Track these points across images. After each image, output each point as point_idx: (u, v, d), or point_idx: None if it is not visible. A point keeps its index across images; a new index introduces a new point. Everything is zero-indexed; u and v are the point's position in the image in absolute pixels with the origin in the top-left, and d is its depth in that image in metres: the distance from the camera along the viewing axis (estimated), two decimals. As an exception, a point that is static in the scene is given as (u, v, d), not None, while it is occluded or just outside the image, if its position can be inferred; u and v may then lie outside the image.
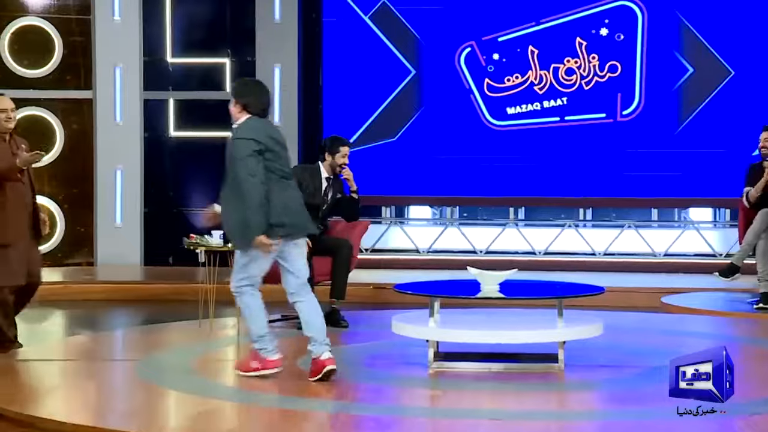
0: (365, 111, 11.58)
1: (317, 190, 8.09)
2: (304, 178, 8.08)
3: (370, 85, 11.56)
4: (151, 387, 5.90)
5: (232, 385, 6.11)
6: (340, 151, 8.12)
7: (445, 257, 11.57)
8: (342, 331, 7.69)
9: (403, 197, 11.74)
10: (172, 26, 11.87)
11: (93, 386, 6.10)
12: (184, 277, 10.35)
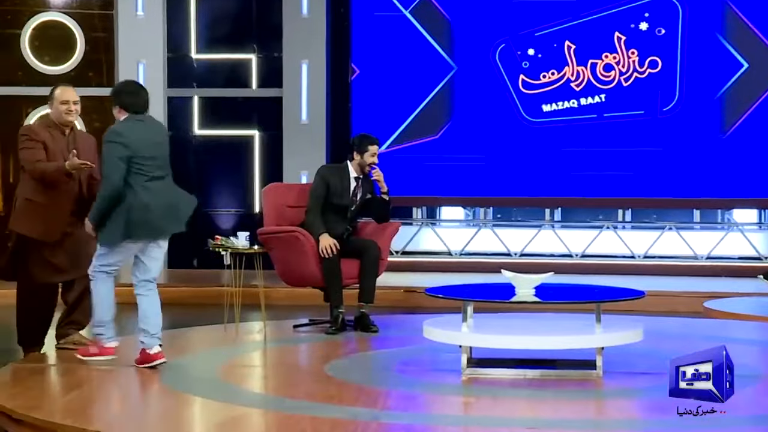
0: (396, 109, 11.58)
1: (345, 191, 8.10)
2: (331, 179, 8.09)
3: (403, 81, 11.55)
4: (176, 393, 5.92)
5: (259, 392, 6.14)
6: (369, 150, 8.12)
7: (479, 260, 11.56)
8: (372, 336, 7.70)
9: (434, 198, 11.74)
10: (196, 21, 11.93)
11: (116, 392, 6.13)
12: (209, 280, 10.39)
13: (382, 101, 11.60)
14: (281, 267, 8.09)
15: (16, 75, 11.67)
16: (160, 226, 6.48)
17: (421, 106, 11.55)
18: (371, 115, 11.58)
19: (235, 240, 7.73)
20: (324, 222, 7.96)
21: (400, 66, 11.57)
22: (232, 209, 11.95)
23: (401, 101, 11.57)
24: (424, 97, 11.55)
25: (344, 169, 8.17)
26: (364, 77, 11.64)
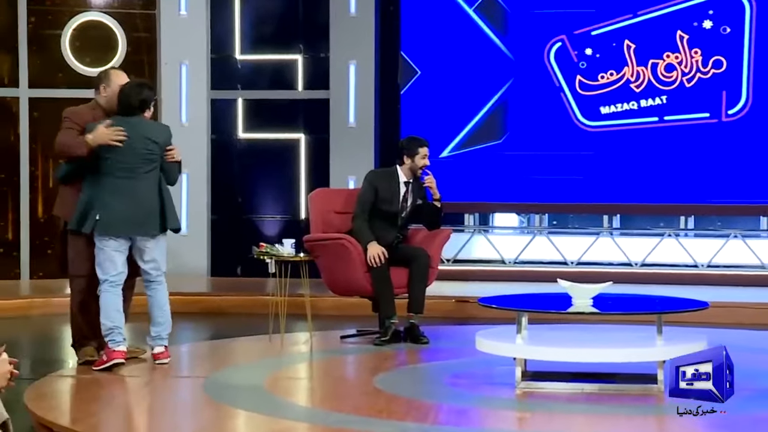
0: (448, 111, 11.58)
1: (395, 197, 8.10)
2: (379, 184, 8.10)
3: (457, 83, 11.54)
4: (219, 405, 5.96)
5: (304, 405, 6.16)
6: (419, 152, 8.12)
7: (533, 269, 11.53)
8: (422, 348, 7.70)
9: (487, 204, 11.73)
10: (241, 21, 12.00)
11: (159, 404, 6.19)
12: (254, 289, 10.45)
13: (433, 103, 11.60)
14: (328, 275, 8.12)
15: (57, 77, 11.78)
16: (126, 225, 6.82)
17: (485, 109, 11.50)
18: (421, 118, 11.58)
19: (280, 247, 7.76)
20: (372, 229, 7.98)
21: (454, 67, 11.55)
22: (278, 215, 12.00)
23: (454, 103, 11.55)
24: (479, 99, 11.52)
25: (393, 174, 8.18)
26: (413, 78, 11.63)
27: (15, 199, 11.70)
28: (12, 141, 11.72)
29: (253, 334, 8.33)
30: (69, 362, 7.26)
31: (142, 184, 6.79)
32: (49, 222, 11.66)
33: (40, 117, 11.76)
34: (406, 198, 8.15)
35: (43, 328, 9.37)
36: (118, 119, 6.79)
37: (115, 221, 6.72)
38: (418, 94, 11.61)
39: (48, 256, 11.62)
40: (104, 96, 6.93)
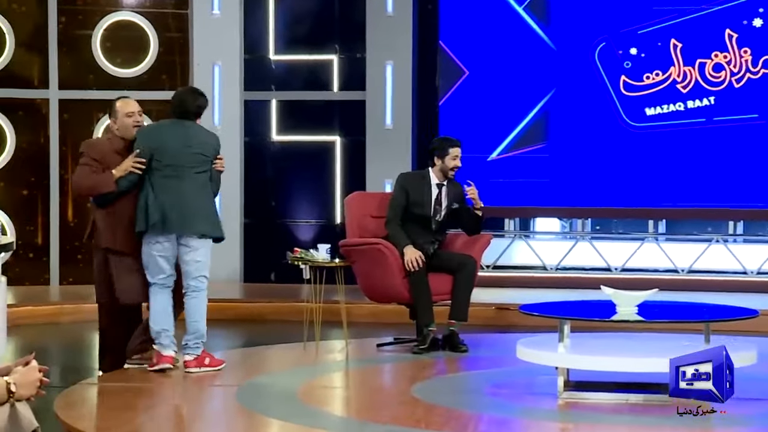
0: (489, 113, 11.56)
1: (427, 200, 8.09)
2: (410, 187, 8.11)
3: (499, 83, 11.51)
4: (252, 414, 5.98)
5: (340, 415, 6.17)
6: (450, 153, 8.11)
7: (576, 275, 11.49)
8: (461, 356, 7.69)
9: (528, 208, 11.70)
10: (275, 20, 12.03)
11: (190, 412, 6.21)
12: (288, 296, 10.46)
13: (472, 106, 11.58)
14: (364, 281, 8.12)
15: (87, 78, 11.85)
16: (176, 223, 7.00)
17: (534, 111, 11.47)
18: (460, 120, 11.57)
19: (315, 253, 7.77)
20: (407, 234, 7.97)
21: (501, 66, 11.52)
22: (312, 220, 12.02)
23: (500, 104, 11.53)
24: (526, 100, 11.49)
25: (425, 177, 8.18)
26: (452, 79, 11.63)
27: (45, 203, 11.78)
28: (42, 143, 11.80)
29: (287, 342, 8.34)
30: (99, 370, 7.30)
31: (191, 186, 7.00)
32: (79, 226, 11.73)
33: (71, 119, 11.84)
34: (439, 201, 8.13)
35: (73, 334, 9.43)
36: (173, 122, 7.05)
37: (165, 219, 6.90)
38: (455, 96, 11.59)
39: (78, 261, 11.70)
40: (116, 128, 7.10)
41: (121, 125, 7.05)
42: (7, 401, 3.41)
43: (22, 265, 11.56)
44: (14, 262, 11.20)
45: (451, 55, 11.59)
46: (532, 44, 11.50)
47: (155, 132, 7.11)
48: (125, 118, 7.04)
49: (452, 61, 11.60)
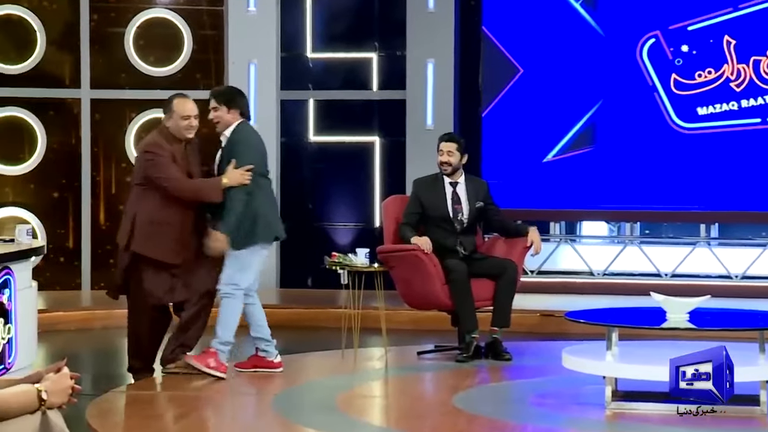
0: (534, 113, 11.53)
1: (441, 201, 8.11)
2: (422, 192, 8.16)
3: (546, 82, 11.49)
4: (289, 424, 6.00)
5: (379, 425, 6.17)
6: (439, 148, 8.20)
7: (624, 281, 11.44)
8: (505, 365, 7.68)
9: (574, 211, 11.66)
10: (312, 17, 12.06)
11: (225, 422, 6.23)
12: (325, 302, 10.48)
13: (517, 106, 11.56)
14: (404, 287, 8.12)
15: (119, 77, 11.91)
16: (277, 228, 7.32)
17: (589, 114, 11.43)
18: (503, 120, 11.55)
19: (353, 257, 7.79)
20: (432, 239, 7.97)
21: (542, 66, 11.50)
22: (350, 223, 12.04)
23: (540, 104, 11.50)
24: (571, 99, 11.46)
25: (437, 178, 8.21)
26: (496, 77, 11.61)
27: (76, 206, 11.85)
28: (73, 144, 11.87)
29: (324, 349, 8.36)
30: (131, 377, 7.34)
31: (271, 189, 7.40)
32: (111, 230, 11.80)
33: (103, 119, 11.90)
34: (457, 200, 8.14)
35: (104, 340, 9.49)
36: (245, 123, 7.26)
37: (275, 228, 7.28)
38: (521, 92, 11.54)
39: (110, 265, 11.76)
40: (168, 126, 7.11)
41: (175, 126, 7.05)
42: (38, 409, 3.44)
43: (53, 269, 11.64)
44: (45, 267, 11.27)
45: (505, 53, 11.54)
46: (584, 37, 11.44)
47: (257, 139, 7.31)
48: (181, 120, 7.03)
49: (505, 59, 11.55)
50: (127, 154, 11.74)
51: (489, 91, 11.64)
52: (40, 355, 8.07)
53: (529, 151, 11.49)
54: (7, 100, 11.74)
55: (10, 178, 11.82)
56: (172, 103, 7.08)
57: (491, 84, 11.64)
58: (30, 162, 11.78)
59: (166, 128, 7.11)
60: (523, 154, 11.50)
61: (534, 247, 8.08)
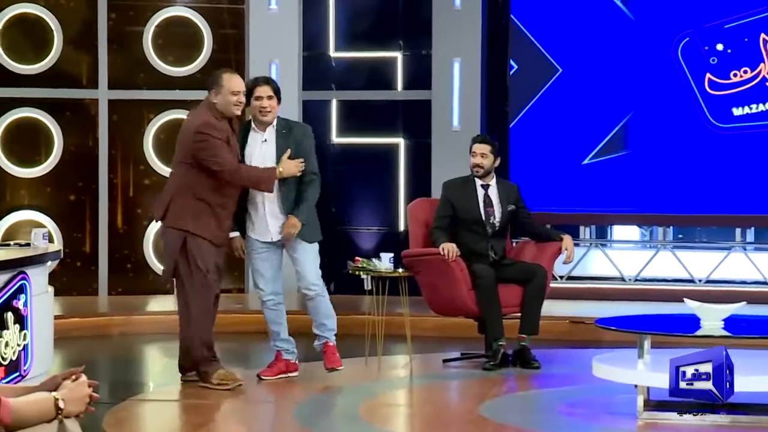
0: (564, 114, 11.51)
1: (472, 203, 8.11)
2: (452, 194, 8.16)
3: (575, 83, 11.47)
4: (311, 433, 6.00)
5: (404, 434, 6.17)
6: (472, 149, 8.20)
7: (657, 287, 11.41)
8: (533, 373, 7.67)
9: (605, 215, 11.63)
10: (335, 15, 12.08)
11: (245, 431, 6.24)
12: (348, 308, 10.48)
13: (546, 107, 11.54)
14: (429, 293, 8.12)
15: (138, 77, 11.94)
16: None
17: (625, 118, 11.42)
18: (532, 121, 11.54)
19: (377, 262, 7.80)
20: (463, 243, 7.98)
21: (572, 65, 11.48)
22: (374, 227, 12.05)
23: (572, 105, 11.48)
24: (596, 99, 11.44)
25: (468, 180, 8.22)
26: (524, 77, 11.59)
27: (93, 209, 11.89)
28: (90, 146, 11.91)
29: (347, 357, 8.33)
30: (150, 385, 7.37)
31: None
32: (129, 233, 11.84)
33: (120, 120, 11.94)
34: (489, 203, 8.14)
35: (122, 347, 9.52)
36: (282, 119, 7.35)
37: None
38: (527, 94, 11.54)
39: (127, 270, 11.80)
40: (215, 102, 7.03)
41: (224, 102, 6.98)
42: (55, 418, 3.45)
43: (70, 274, 11.68)
44: (61, 271, 11.32)
45: (543, 53, 11.51)
46: (617, 33, 11.40)
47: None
48: (230, 96, 6.98)
49: (545, 58, 11.51)
50: (145, 156, 11.78)
51: (518, 91, 11.62)
52: (56, 362, 8.09)
53: (558, 153, 11.47)
54: (23, 100, 11.78)
55: (26, 181, 11.86)
56: (221, 78, 7.02)
57: (521, 84, 11.61)
58: (46, 164, 11.82)
59: (213, 105, 7.03)
60: (553, 156, 11.47)
61: (567, 255, 8.07)
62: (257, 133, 7.27)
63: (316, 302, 7.38)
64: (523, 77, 11.59)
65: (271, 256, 7.36)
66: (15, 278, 6.78)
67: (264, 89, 7.22)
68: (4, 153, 11.77)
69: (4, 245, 8.15)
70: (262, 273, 7.37)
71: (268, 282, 7.38)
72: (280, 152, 7.19)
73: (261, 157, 7.20)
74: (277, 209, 7.24)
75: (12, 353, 6.70)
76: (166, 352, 9.29)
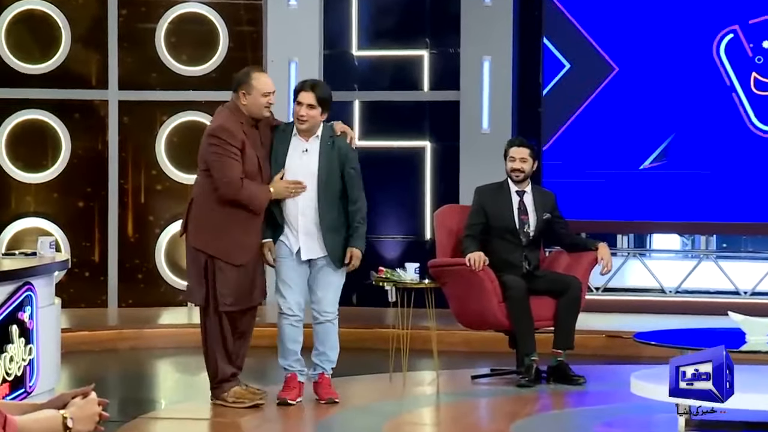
0: (599, 115, 11.50)
1: (506, 210, 8.10)
2: (485, 200, 8.15)
3: (608, 82, 11.46)
4: (333, 454, 6.01)
5: (430, 455, 6.17)
6: (509, 153, 8.20)
7: (699, 299, 11.38)
8: (568, 391, 7.65)
9: (644, 223, 11.60)
10: (358, 12, 12.09)
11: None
12: (371, 320, 10.49)
13: (581, 106, 11.53)
14: (457, 306, 8.12)
15: (150, 77, 11.97)
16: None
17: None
18: (568, 123, 11.52)
19: (402, 272, 7.80)
20: (496, 252, 7.98)
21: (604, 63, 11.47)
22: (399, 235, 12.05)
23: (605, 106, 11.47)
24: (635, 102, 11.42)
25: (502, 186, 8.22)
26: (558, 77, 11.59)
27: (102, 216, 11.91)
28: (99, 150, 11.94)
29: (370, 373, 8.36)
30: (162, 403, 7.39)
31: None
32: (140, 242, 11.87)
33: (131, 122, 11.97)
34: (524, 210, 8.13)
35: (133, 363, 9.54)
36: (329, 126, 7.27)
37: None
38: (561, 94, 11.53)
39: (139, 281, 11.82)
40: (244, 104, 6.98)
41: (254, 103, 6.94)
42: (62, 437, 3.46)
43: (78, 285, 11.71)
44: (69, 282, 11.36)
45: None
46: (657, 31, 11.40)
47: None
48: (261, 98, 6.95)
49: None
50: (157, 160, 11.80)
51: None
52: (63, 379, 8.12)
53: (595, 159, 11.44)
54: (30, 101, 11.83)
55: (32, 187, 11.91)
56: (250, 77, 6.97)
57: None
58: (53, 169, 11.86)
59: (236, 106, 6.98)
60: (589, 162, 11.45)
61: (604, 265, 8.05)
62: (299, 140, 7.17)
63: (326, 329, 7.25)
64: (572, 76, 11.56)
65: (301, 266, 7.22)
66: (20, 289, 6.82)
67: (306, 96, 7.08)
68: (9, 157, 11.82)
69: (8, 254, 8.18)
70: (288, 282, 7.18)
71: (293, 293, 7.19)
72: (324, 169, 7.11)
73: (302, 168, 7.11)
74: (312, 227, 7.13)
75: (17, 368, 6.73)
76: (179, 368, 9.32)
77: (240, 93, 6.97)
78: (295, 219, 7.13)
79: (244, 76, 7.00)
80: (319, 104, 7.09)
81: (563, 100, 11.52)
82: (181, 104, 11.86)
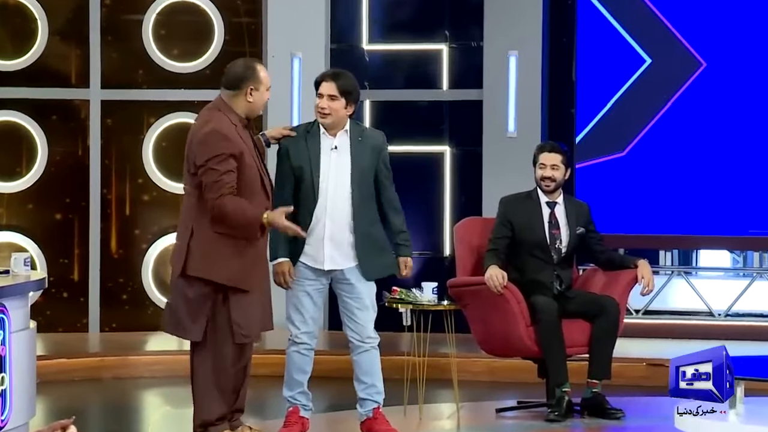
0: (637, 116, 11.52)
1: (536, 222, 8.11)
2: (512, 212, 8.16)
3: (640, 79, 11.49)
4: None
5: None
6: (539, 160, 8.20)
7: (752, 323, 11.38)
8: (604, 425, 7.66)
9: (689, 237, 11.61)
10: (369, 1, 12.10)
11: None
12: (384, 346, 10.45)
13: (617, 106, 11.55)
14: (480, 330, 8.12)
15: (136, 74, 11.99)
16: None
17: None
18: (602, 123, 11.53)
19: (418, 293, 7.81)
20: (525, 271, 7.98)
21: (637, 59, 11.49)
22: (415, 251, 12.04)
23: (642, 106, 11.48)
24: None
25: (530, 196, 8.22)
26: (590, 75, 11.61)
27: (83, 230, 11.90)
28: (80, 156, 11.94)
29: (383, 405, 8.36)
30: None
31: None
32: (124, 259, 11.87)
33: (116, 124, 11.98)
34: (555, 223, 8.13)
35: (116, 393, 9.56)
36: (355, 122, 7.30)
37: None
38: (594, 93, 11.55)
39: (123, 302, 11.83)
40: (249, 101, 6.90)
41: (259, 100, 6.87)
42: (40, 474, 3.48)
43: (55, 307, 11.71)
44: (45, 304, 11.38)
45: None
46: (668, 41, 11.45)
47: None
48: (266, 93, 6.93)
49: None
50: (144, 168, 11.81)
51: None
52: (39, 412, 8.13)
53: (634, 166, 11.45)
54: (2, 102, 11.85)
55: (5, 197, 11.92)
56: (257, 70, 6.90)
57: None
58: (28, 177, 11.86)
59: (227, 106, 6.85)
60: (627, 169, 11.46)
61: (644, 284, 8.04)
62: (327, 137, 7.15)
63: (371, 358, 7.21)
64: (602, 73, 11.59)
65: (317, 290, 7.19)
66: (-9, 311, 6.81)
67: (327, 86, 7.09)
68: (-21, 164, 11.86)
69: (-22, 272, 8.19)
70: (300, 309, 7.17)
71: (305, 321, 7.18)
72: (357, 168, 7.11)
73: (333, 167, 7.09)
74: (342, 233, 7.08)
75: (-13, 400, 6.73)
76: (167, 400, 9.34)
77: (247, 89, 6.86)
78: (323, 226, 7.07)
79: (249, 70, 6.90)
80: (342, 95, 7.07)
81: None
82: (171, 105, 11.87)
